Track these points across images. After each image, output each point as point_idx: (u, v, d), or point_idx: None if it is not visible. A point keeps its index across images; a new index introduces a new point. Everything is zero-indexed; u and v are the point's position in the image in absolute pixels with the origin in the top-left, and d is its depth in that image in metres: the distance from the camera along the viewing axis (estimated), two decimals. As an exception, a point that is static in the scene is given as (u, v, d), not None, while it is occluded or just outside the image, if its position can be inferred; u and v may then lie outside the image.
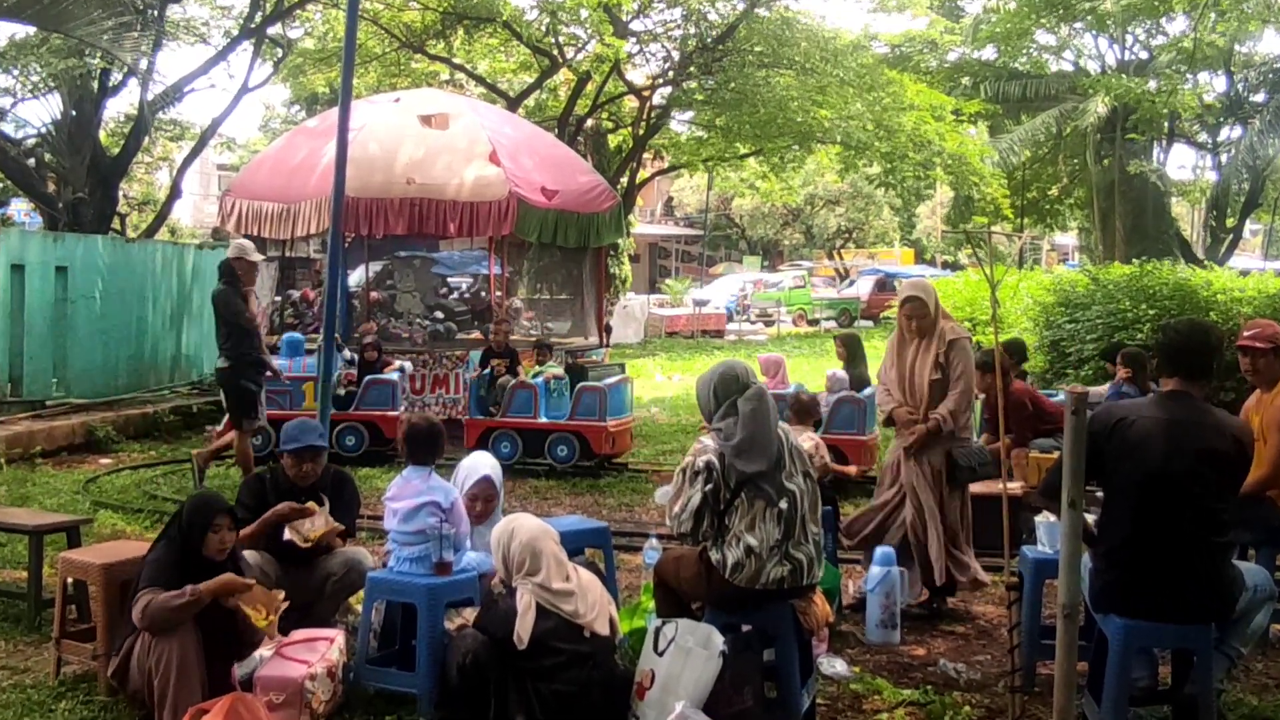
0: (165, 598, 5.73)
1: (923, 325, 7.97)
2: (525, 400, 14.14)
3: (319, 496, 7.07)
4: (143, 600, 5.71)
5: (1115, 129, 35.44)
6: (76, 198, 21.97)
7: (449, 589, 6.27)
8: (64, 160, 22.54)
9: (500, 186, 16.09)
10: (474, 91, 33.25)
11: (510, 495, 12.28)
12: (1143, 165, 35.32)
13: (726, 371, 5.96)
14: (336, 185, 9.74)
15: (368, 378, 14.76)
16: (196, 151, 26.82)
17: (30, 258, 17.10)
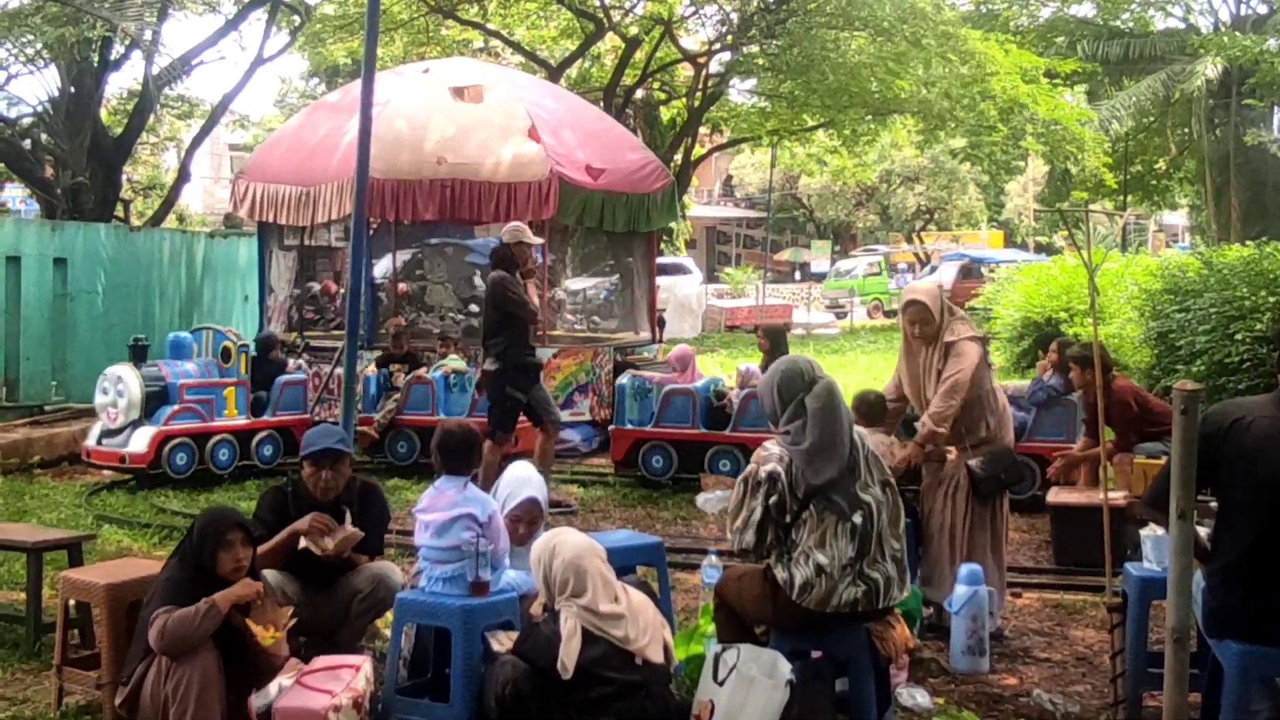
0: (183, 614, 5.79)
1: (926, 332, 7.94)
2: (422, 396, 14.22)
3: (340, 510, 7.12)
4: (159, 621, 5.78)
5: (1230, 94, 35.06)
6: (76, 182, 22.24)
7: (486, 611, 6.29)
8: (62, 141, 22.81)
9: (540, 165, 16.13)
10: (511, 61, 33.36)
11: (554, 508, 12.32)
12: (1261, 135, 34.87)
13: (789, 368, 5.96)
14: (360, 166, 9.79)
15: (281, 379, 14.62)
16: (206, 130, 27.07)
17: (26, 249, 17.34)
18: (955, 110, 28.52)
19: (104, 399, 13.33)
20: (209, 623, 5.81)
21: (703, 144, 39.73)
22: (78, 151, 22.45)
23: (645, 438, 13.65)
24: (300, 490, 7.19)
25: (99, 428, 13.44)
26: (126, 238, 19.50)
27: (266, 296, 18.60)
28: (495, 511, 6.61)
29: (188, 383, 13.35)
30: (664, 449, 13.56)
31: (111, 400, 13.23)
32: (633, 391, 13.93)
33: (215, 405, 13.54)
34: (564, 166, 16.26)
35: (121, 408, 13.16)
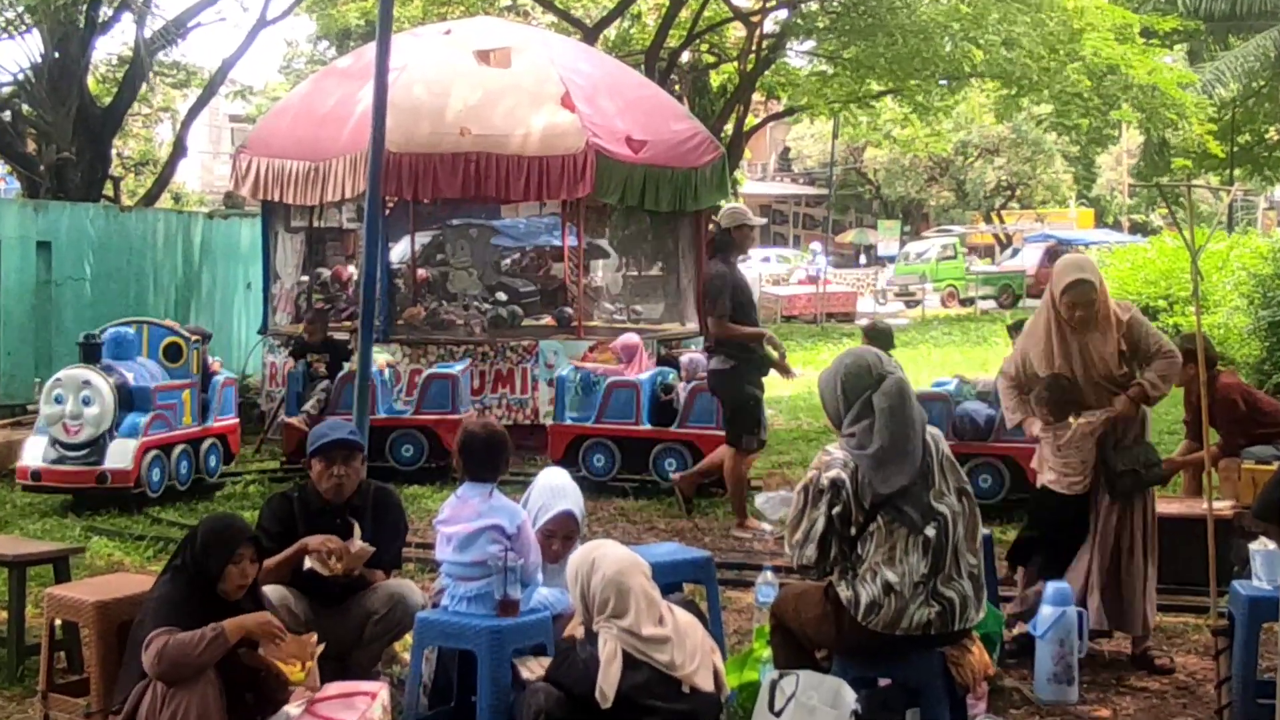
0: (184, 638, 5.80)
1: (1089, 316, 7.71)
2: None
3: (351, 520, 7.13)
4: (158, 643, 5.79)
5: (1351, 54, 34.74)
6: (61, 158, 22.39)
7: (516, 633, 6.30)
8: (45, 113, 22.94)
9: (575, 137, 16.14)
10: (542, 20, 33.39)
11: (591, 519, 12.33)
12: (1386, 100, 34.59)
13: (856, 362, 5.94)
14: (374, 138, 9.83)
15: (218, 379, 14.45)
16: (204, 100, 27.20)
17: (6, 231, 17.46)
18: (1040, 73, 28.33)
19: (57, 408, 12.42)
20: (213, 651, 5.81)
21: (756, 113, 39.66)
22: (62, 124, 22.58)
23: (586, 434, 13.81)
24: (308, 495, 7.21)
25: (45, 443, 12.52)
26: (116, 219, 19.62)
27: (271, 284, 18.69)
28: (525, 522, 6.62)
29: (160, 385, 12.95)
30: (605, 446, 13.71)
31: (72, 410, 12.37)
32: (574, 385, 14.11)
33: (177, 411, 13.21)
34: (601, 138, 16.27)
35: (89, 418, 12.37)
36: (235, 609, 6.05)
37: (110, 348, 12.88)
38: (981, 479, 12.20)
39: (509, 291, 19.75)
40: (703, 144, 17.86)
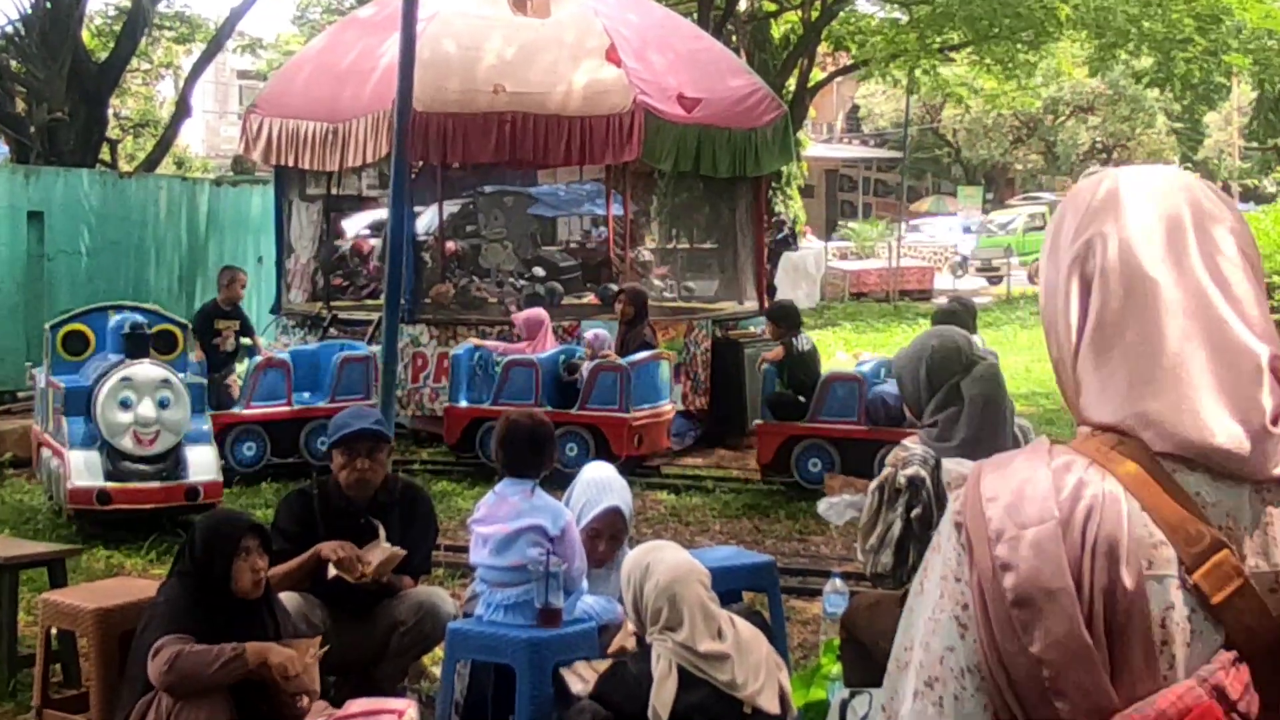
0: (200, 652, 5.81)
1: None
2: (275, 383, 14.15)
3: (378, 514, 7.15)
4: (167, 652, 5.81)
5: None
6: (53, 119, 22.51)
7: (558, 645, 6.32)
8: (36, 69, 23.06)
9: (621, 95, 16.12)
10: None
11: (638, 519, 12.34)
12: None
13: (944, 343, 5.90)
14: (400, 97, 9.85)
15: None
16: (210, 55, 27.29)
17: (-6, 200, 17.57)
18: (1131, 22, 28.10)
19: (124, 415, 11.43)
20: (228, 673, 5.83)
21: (822, 67, 39.51)
22: (55, 81, 22.70)
23: (483, 417, 13.92)
24: (328, 491, 7.22)
25: (100, 457, 11.46)
26: (115, 186, 19.72)
27: (285, 258, 18.75)
28: (570, 523, 6.62)
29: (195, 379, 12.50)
30: None
31: (145, 415, 11.48)
32: (471, 364, 14.28)
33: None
34: (651, 96, 16.24)
35: (168, 423, 11.55)
36: (251, 612, 6.07)
37: (113, 340, 12.10)
38: None
39: (547, 266, 19.75)
40: (763, 102, 17.81)
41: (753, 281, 18.82)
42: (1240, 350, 1.89)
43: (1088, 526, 1.84)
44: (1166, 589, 1.83)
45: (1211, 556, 1.83)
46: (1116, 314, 1.94)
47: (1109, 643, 1.83)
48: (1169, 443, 1.87)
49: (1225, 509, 1.86)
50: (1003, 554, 1.85)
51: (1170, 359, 1.89)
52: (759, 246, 19.01)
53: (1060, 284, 2.01)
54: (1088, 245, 1.98)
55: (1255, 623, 1.82)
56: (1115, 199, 2.00)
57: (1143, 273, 1.93)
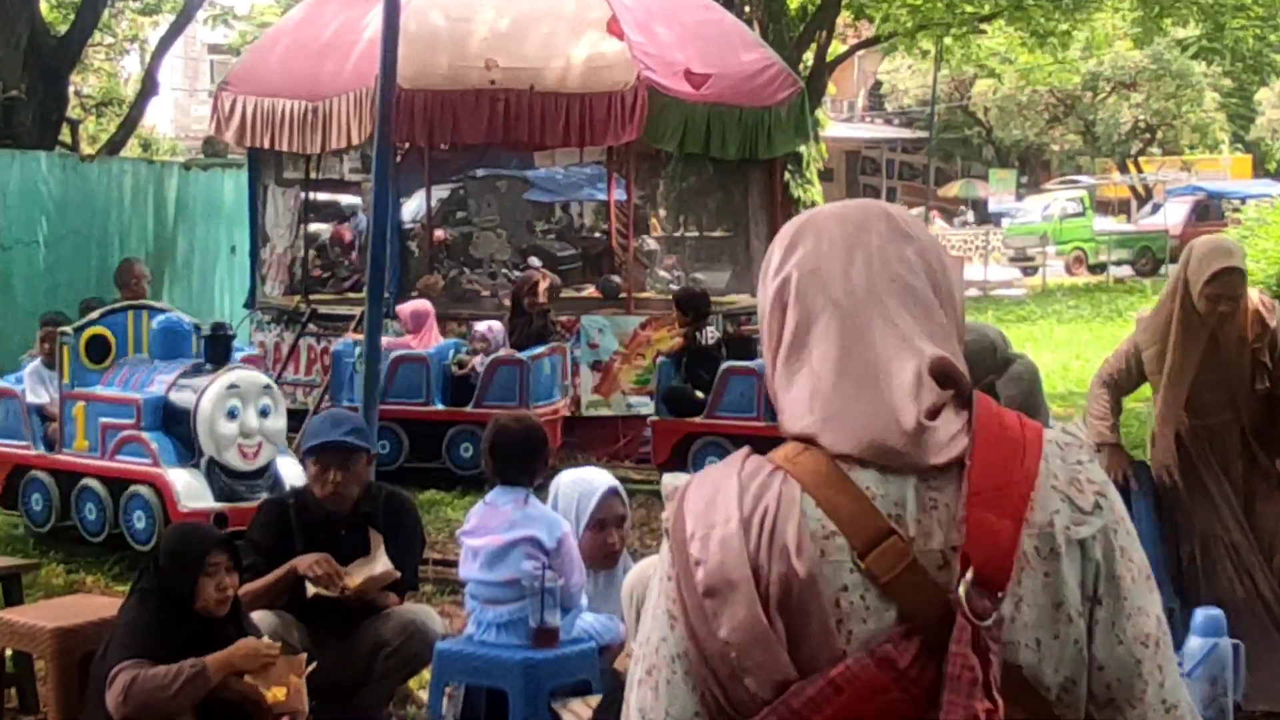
0: (157, 675, 5.81)
1: (1231, 313, 7.33)
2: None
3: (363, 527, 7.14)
4: (124, 678, 5.81)
5: None
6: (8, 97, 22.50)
7: (555, 667, 6.32)
8: (-10, 43, 23.08)
9: (624, 70, 16.11)
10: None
11: (642, 529, 12.33)
12: None
13: (976, 340, 5.88)
14: (384, 74, 9.84)
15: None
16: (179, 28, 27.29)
17: (-55, 186, 17.57)
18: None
19: (231, 425, 10.94)
20: (192, 691, 5.82)
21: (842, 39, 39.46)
22: (10, 56, 22.67)
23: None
24: (306, 501, 7.22)
25: (200, 474, 10.92)
26: (76, 170, 19.71)
27: (260, 247, 18.75)
28: (567, 534, 6.60)
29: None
30: (391, 430, 13.79)
31: (253, 426, 11.00)
32: (353, 360, 14.13)
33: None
34: (655, 72, 16.23)
35: (270, 434, 11.16)
36: (216, 631, 6.06)
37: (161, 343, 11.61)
38: None
39: (544, 256, 19.72)
40: (777, 78, 17.79)
41: (767, 272, 18.77)
42: (900, 357, 2.30)
43: (764, 523, 2.23)
44: (840, 573, 2.21)
45: (881, 543, 2.20)
46: (801, 337, 2.38)
47: (787, 624, 2.20)
48: (841, 445, 2.27)
49: (893, 499, 2.23)
50: (695, 552, 2.26)
51: (840, 372, 2.31)
52: (773, 235, 18.90)
53: (766, 311, 2.46)
54: (784, 277, 2.42)
55: (924, 597, 2.18)
56: (806, 231, 2.45)
57: (821, 299, 2.37)
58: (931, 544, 2.21)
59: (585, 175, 22.83)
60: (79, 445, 11.52)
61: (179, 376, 11.14)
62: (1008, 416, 2.31)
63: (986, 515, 2.20)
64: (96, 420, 11.31)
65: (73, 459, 11.56)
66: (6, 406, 12.21)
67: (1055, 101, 62.82)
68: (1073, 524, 2.25)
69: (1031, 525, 2.22)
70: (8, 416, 12.19)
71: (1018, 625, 2.21)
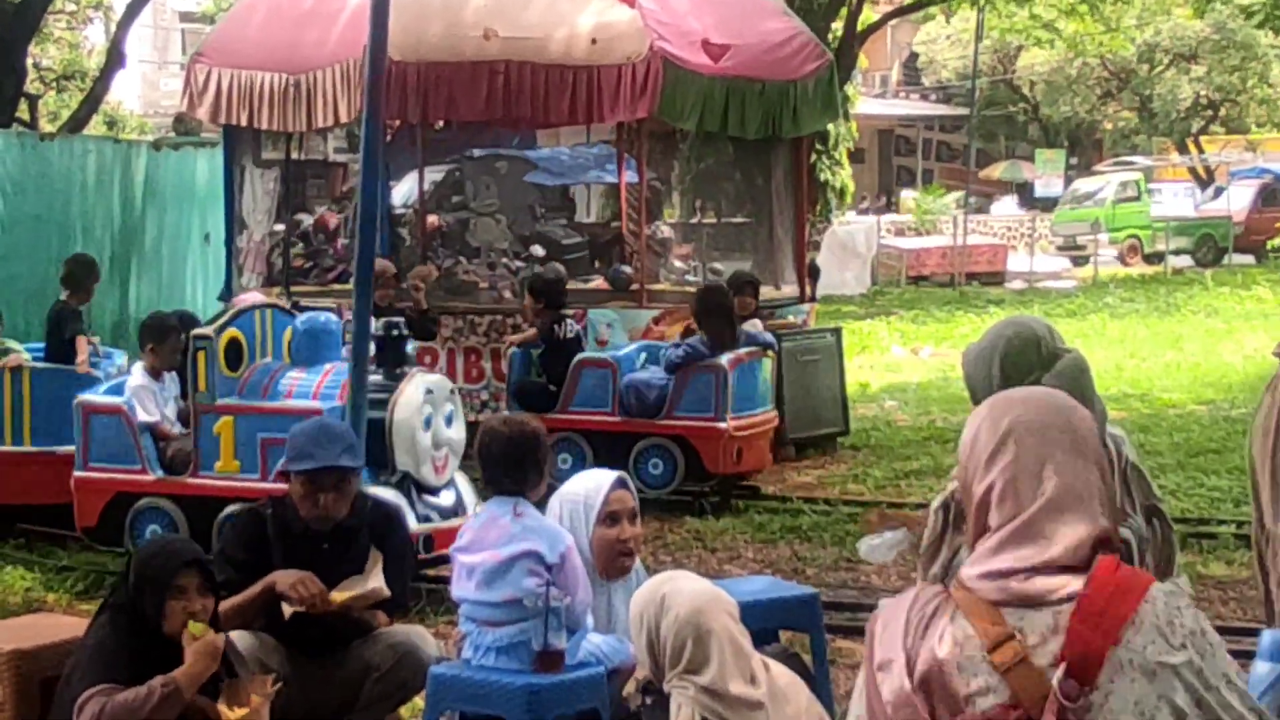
0: (128, 698, 5.83)
1: None
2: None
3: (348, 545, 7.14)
4: (93, 705, 5.82)
5: None
6: (-39, 71, 22.57)
7: (560, 694, 6.33)
8: (-60, 11, 23.11)
9: (635, 40, 16.11)
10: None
11: (655, 543, 12.35)
12: None
13: (1020, 334, 5.88)
14: (373, 44, 9.85)
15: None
16: (148, -7, 27.30)
17: (-109, 167, 17.60)
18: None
19: (426, 439, 10.80)
20: (165, 711, 5.83)
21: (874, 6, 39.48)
22: (-37, 25, 22.76)
23: None
24: (286, 512, 7.21)
25: (401, 498, 10.46)
26: (34, 149, 19.73)
27: (236, 234, 18.76)
28: (570, 548, 6.60)
29: None
30: None
31: (443, 436, 10.96)
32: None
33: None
34: (670, 42, 16.23)
35: (454, 445, 11.08)
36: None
37: (307, 344, 11.41)
38: (652, 464, 13.46)
39: (548, 244, 19.76)
40: (804, 49, 17.79)
41: (791, 262, 18.80)
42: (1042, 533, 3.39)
43: (920, 623, 3.38)
44: (973, 663, 3.27)
45: (1004, 644, 3.25)
46: (991, 521, 3.46)
47: (928, 694, 3.30)
48: (983, 593, 3.36)
49: (1021, 620, 3.28)
50: (876, 640, 3.45)
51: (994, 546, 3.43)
52: (799, 221, 18.97)
53: (975, 494, 3.52)
54: (989, 482, 3.47)
55: (1031, 685, 3.22)
56: (1007, 443, 3.46)
57: (1011, 504, 3.42)
58: (1046, 650, 3.23)
59: (593, 156, 22.86)
60: (224, 467, 11.16)
61: (341, 377, 10.78)
62: (1125, 569, 3.35)
63: (1085, 630, 3.21)
64: (253, 437, 10.97)
65: (217, 483, 11.12)
66: (110, 426, 11.66)
67: (1108, 75, 62.82)
68: (1163, 653, 3.22)
69: (1129, 647, 3.21)
70: (112, 437, 11.62)
71: (1104, 711, 3.20)
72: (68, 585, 11.06)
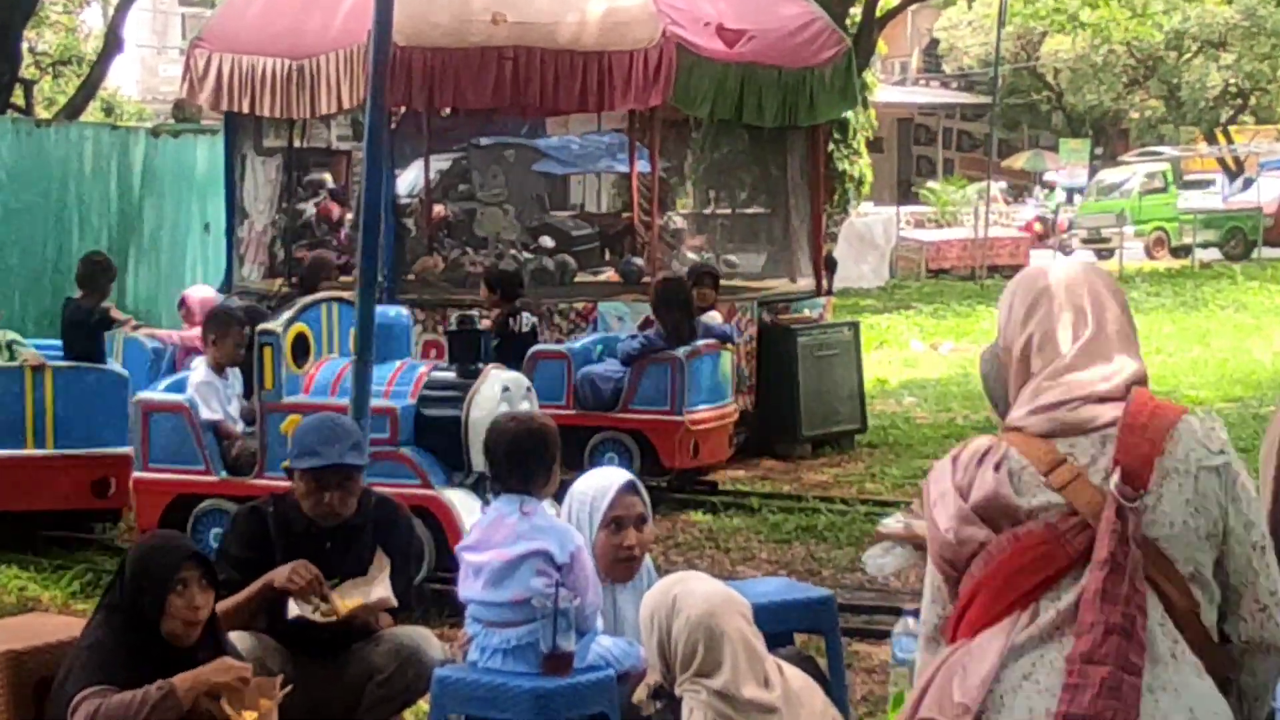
0: (122, 701, 5.82)
1: None
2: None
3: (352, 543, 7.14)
4: (88, 707, 5.82)
5: None
6: (-45, 55, 22.59)
7: (568, 698, 6.34)
8: (-66, -6, 23.12)
9: (647, 26, 16.10)
10: None
11: (666, 543, 12.35)
12: None
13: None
14: (377, 28, 9.85)
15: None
16: (147, -25, 27.32)
17: (-117, 154, 17.62)
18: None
19: None
20: (161, 715, 5.83)
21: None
22: (-43, 9, 22.78)
23: None
24: (287, 510, 7.21)
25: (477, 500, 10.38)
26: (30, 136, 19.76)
27: (237, 224, 18.76)
28: (580, 548, 6.59)
29: None
30: None
31: None
32: (145, 355, 14.24)
33: None
34: (683, 27, 16.21)
35: None
36: (188, 657, 6.06)
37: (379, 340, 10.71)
38: (607, 458, 13.33)
39: (557, 235, 19.74)
40: (821, 35, 17.78)
41: (808, 255, 18.78)
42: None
43: (969, 461, 3.85)
44: (1030, 486, 3.74)
45: (1058, 467, 3.72)
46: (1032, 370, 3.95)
47: (985, 518, 3.76)
48: (1036, 429, 3.82)
49: (1069, 446, 3.76)
50: (929, 483, 3.96)
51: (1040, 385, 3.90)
52: (815, 212, 18.95)
53: (1015, 352, 4.01)
54: (1027, 335, 3.97)
55: (1087, 496, 3.69)
56: (1040, 300, 3.95)
57: (1050, 351, 3.90)
58: (1097, 467, 3.70)
59: (603, 144, 22.85)
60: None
61: (425, 379, 10.89)
62: (1158, 400, 3.80)
63: (1133, 441, 3.68)
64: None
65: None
66: (171, 424, 11.53)
67: (1134, 62, 62.76)
68: (1204, 459, 3.72)
69: (1172, 455, 3.70)
70: (174, 437, 11.48)
71: (1157, 512, 3.67)
72: (63, 584, 11.06)
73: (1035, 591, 3.76)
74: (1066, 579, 3.73)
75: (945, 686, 3.84)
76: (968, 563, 3.85)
